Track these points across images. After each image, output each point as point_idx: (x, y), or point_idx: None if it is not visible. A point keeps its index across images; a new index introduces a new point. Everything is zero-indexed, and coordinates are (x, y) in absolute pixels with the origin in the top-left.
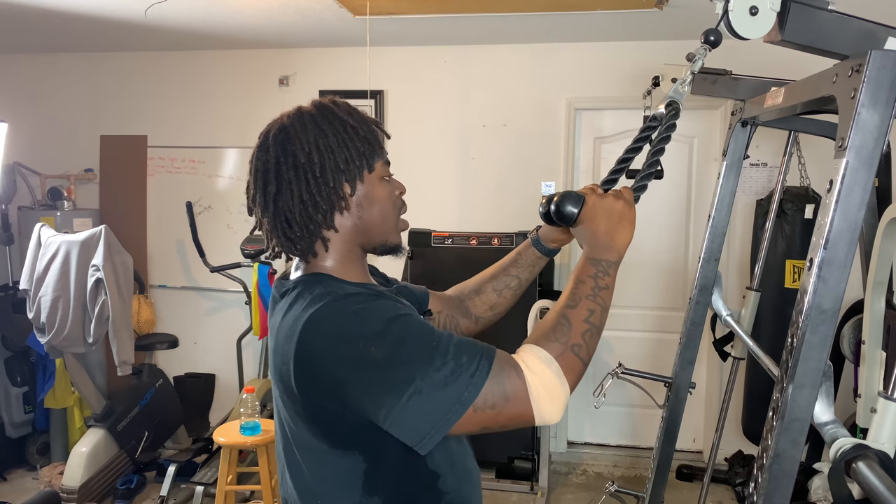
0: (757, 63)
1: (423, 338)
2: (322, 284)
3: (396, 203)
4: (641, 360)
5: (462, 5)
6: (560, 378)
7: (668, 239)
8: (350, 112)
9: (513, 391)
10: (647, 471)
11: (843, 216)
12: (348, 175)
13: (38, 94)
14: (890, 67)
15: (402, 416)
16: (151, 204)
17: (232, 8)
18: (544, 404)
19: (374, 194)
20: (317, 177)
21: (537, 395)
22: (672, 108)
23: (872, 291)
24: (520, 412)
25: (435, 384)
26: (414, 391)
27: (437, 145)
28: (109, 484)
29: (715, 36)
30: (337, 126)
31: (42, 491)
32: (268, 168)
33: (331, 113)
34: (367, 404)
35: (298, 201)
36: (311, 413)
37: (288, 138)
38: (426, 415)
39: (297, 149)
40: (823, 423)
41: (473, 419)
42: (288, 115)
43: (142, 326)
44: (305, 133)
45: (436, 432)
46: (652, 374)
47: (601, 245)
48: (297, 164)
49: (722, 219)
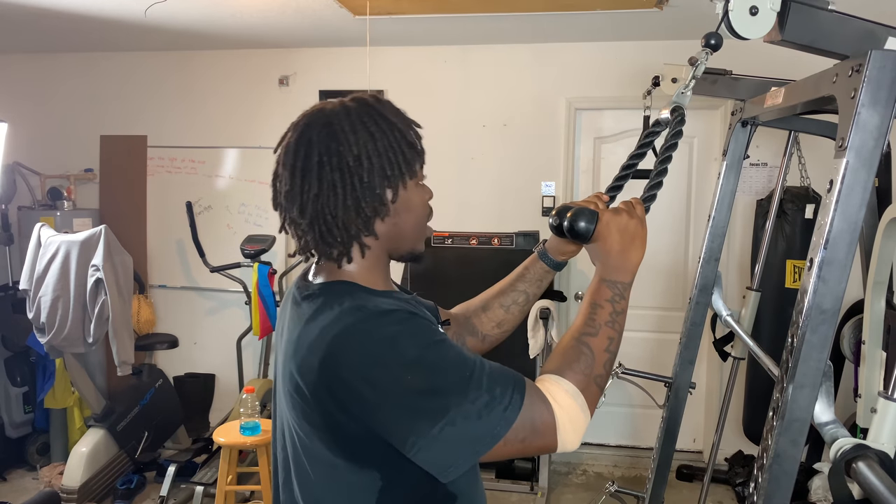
0: (757, 63)
1: (459, 367)
2: (351, 296)
3: (427, 210)
4: (641, 360)
5: (462, 5)
6: (584, 411)
7: (668, 239)
8: (397, 113)
9: (542, 425)
10: (647, 471)
11: (843, 216)
12: (392, 181)
13: (38, 94)
14: (890, 67)
15: (431, 445)
16: (151, 204)
17: (232, 8)
18: (568, 436)
19: (412, 202)
20: (364, 181)
21: (563, 429)
22: (678, 113)
23: (872, 291)
24: (546, 444)
25: (468, 416)
26: (447, 423)
27: (437, 145)
28: (109, 484)
29: (716, 40)
30: (385, 128)
31: (42, 491)
32: (309, 166)
33: (378, 114)
34: (394, 431)
35: (342, 206)
36: (328, 426)
37: (334, 136)
38: (456, 446)
39: (344, 150)
40: (823, 423)
41: (502, 451)
42: (332, 110)
43: (142, 326)
44: (355, 133)
45: (463, 462)
46: (652, 374)
47: (615, 265)
48: (344, 165)
49: (722, 219)
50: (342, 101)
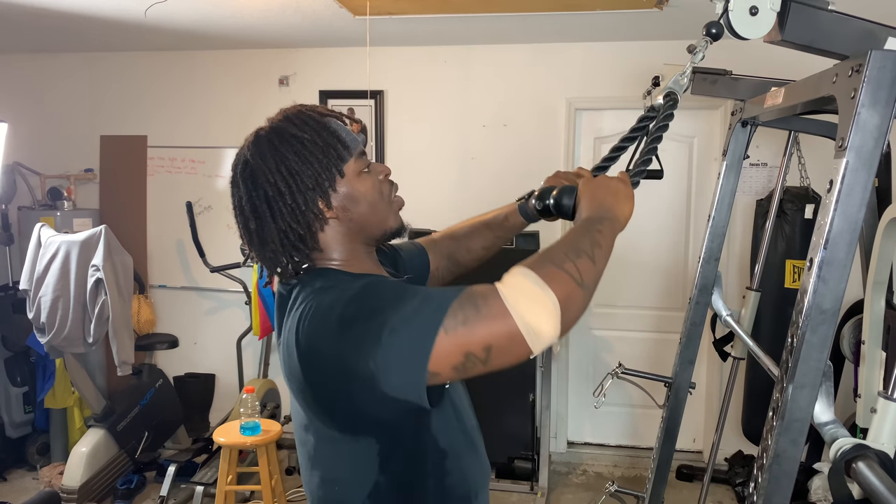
0: (757, 63)
1: (393, 286)
2: (323, 278)
3: (384, 189)
4: (641, 360)
5: (462, 5)
6: (541, 285)
7: (668, 239)
8: (306, 122)
9: (484, 302)
10: (647, 471)
11: (843, 216)
12: (320, 190)
13: (38, 94)
14: (890, 67)
15: (387, 359)
16: (151, 204)
17: (232, 8)
18: (526, 311)
19: (356, 193)
20: (289, 204)
21: (515, 302)
22: (670, 98)
23: (872, 291)
24: (500, 327)
25: (406, 317)
26: (389, 331)
27: (437, 145)
28: (109, 484)
29: (717, 29)
30: (294, 145)
31: (42, 491)
32: (242, 206)
33: (285, 132)
34: (361, 366)
35: (280, 232)
36: (321, 403)
37: (252, 172)
38: (404, 348)
39: (262, 181)
40: (823, 423)
41: (450, 343)
42: (248, 144)
43: (142, 326)
44: (266, 162)
45: (419, 367)
46: (652, 374)
47: (600, 214)
48: (268, 196)
49: (722, 219)
50: (258, 129)
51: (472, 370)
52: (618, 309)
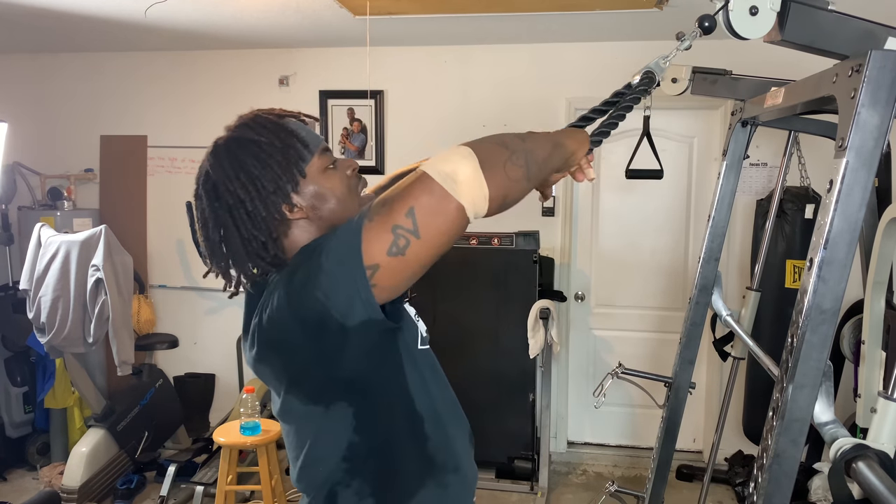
0: (757, 63)
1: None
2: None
3: (351, 184)
4: (641, 360)
5: (462, 5)
6: (458, 148)
7: (668, 239)
8: (263, 125)
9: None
10: (647, 471)
11: (843, 216)
12: (280, 194)
13: (38, 94)
14: (890, 67)
15: (328, 278)
16: (151, 204)
17: (232, 8)
18: (437, 161)
19: (323, 190)
20: (250, 211)
21: (428, 164)
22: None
23: (872, 291)
24: (416, 186)
25: (335, 234)
26: (325, 254)
27: (437, 145)
28: (109, 484)
29: (709, 22)
30: (252, 149)
31: (42, 491)
32: (206, 218)
33: (242, 138)
34: (312, 305)
35: (242, 242)
36: (292, 376)
37: (213, 183)
38: (339, 255)
39: (223, 190)
40: (823, 423)
41: (374, 226)
42: (208, 155)
43: (142, 326)
44: (225, 171)
45: (356, 265)
46: (652, 374)
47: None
48: (229, 206)
49: (722, 219)
50: (217, 139)
51: (409, 250)
52: (618, 309)
